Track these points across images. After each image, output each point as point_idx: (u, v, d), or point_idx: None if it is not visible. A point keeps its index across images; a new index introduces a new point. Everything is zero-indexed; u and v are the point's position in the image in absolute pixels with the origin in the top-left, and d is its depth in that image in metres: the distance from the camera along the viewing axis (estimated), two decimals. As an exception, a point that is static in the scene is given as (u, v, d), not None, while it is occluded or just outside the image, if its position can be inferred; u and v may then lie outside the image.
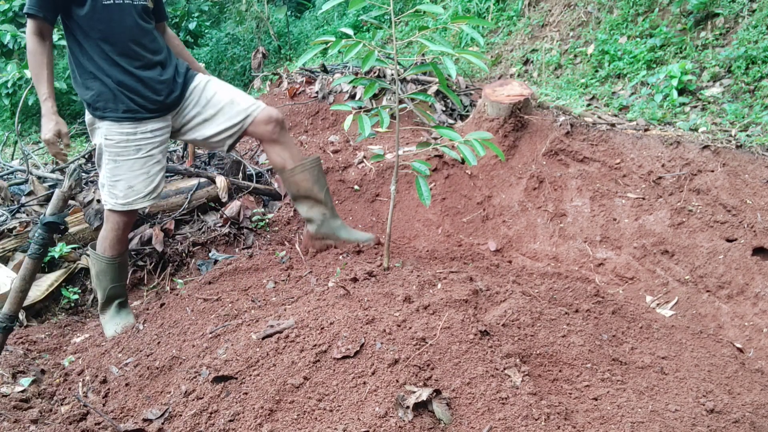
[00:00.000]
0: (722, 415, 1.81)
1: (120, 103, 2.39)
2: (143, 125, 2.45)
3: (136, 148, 2.45)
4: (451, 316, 2.00)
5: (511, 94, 3.89)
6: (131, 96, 2.40)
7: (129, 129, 2.42)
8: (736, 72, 4.06)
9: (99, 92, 2.38)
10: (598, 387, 1.87)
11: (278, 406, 1.78)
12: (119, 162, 2.45)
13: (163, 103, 2.48)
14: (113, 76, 2.36)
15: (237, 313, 2.41)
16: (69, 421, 1.97)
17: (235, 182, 3.89)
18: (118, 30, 2.32)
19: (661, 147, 3.46)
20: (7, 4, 6.97)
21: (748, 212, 3.00)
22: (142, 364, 2.25)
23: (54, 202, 2.04)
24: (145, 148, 2.48)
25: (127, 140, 2.43)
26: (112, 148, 2.43)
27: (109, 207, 2.52)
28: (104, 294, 2.66)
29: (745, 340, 2.61)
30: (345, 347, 1.91)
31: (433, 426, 1.65)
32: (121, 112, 2.40)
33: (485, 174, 3.86)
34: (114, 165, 2.45)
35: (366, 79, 2.64)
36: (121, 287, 2.70)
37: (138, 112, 2.43)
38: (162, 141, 2.54)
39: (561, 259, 3.35)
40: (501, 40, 6.12)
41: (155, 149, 2.51)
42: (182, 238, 3.46)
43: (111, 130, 2.41)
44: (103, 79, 2.36)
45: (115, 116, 2.40)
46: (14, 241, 3.17)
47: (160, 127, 2.52)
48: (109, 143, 2.42)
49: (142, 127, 2.45)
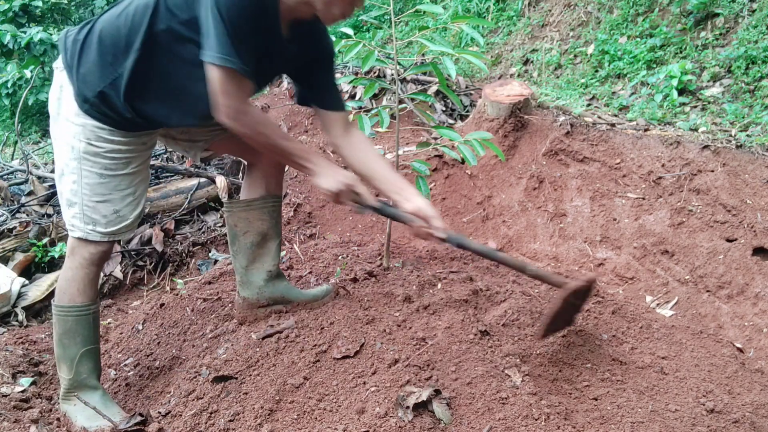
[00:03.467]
0: (722, 415, 1.81)
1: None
2: (138, 134, 1.89)
3: (126, 160, 1.89)
4: (451, 316, 2.00)
5: (511, 94, 3.89)
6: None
7: (120, 137, 1.85)
8: (736, 72, 4.06)
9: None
10: (598, 387, 1.86)
11: (278, 406, 1.78)
12: (106, 178, 1.86)
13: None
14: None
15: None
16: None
17: (235, 182, 3.89)
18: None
19: (661, 147, 3.46)
20: (7, 4, 6.97)
21: (748, 212, 3.00)
22: (142, 364, 2.25)
23: None
24: (135, 162, 1.91)
25: (117, 149, 1.85)
26: (98, 158, 1.83)
27: (81, 235, 1.88)
28: (72, 367, 1.93)
29: (745, 340, 2.61)
30: (345, 347, 1.91)
31: (433, 426, 1.65)
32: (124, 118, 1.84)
33: (485, 174, 3.86)
34: (97, 180, 1.85)
35: (366, 79, 2.64)
36: (94, 352, 1.99)
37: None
38: (150, 154, 2.05)
39: (561, 259, 3.35)
40: (501, 40, 6.12)
41: (144, 163, 1.98)
42: (182, 238, 3.46)
43: (99, 134, 1.81)
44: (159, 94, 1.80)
45: (114, 119, 1.81)
46: (14, 241, 3.17)
47: (152, 135, 1.98)
48: (94, 150, 1.82)
49: (135, 137, 1.89)
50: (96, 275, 1.96)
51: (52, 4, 7.10)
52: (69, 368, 1.93)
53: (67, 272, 1.93)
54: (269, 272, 2.17)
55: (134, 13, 1.73)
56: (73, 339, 1.92)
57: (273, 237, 2.18)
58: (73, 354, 1.92)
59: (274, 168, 2.18)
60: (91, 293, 1.94)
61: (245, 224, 2.14)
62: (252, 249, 2.15)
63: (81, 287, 1.91)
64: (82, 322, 1.93)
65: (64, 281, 1.93)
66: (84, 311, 1.93)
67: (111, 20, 1.78)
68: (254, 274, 2.16)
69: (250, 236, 2.14)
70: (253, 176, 2.17)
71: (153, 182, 3.87)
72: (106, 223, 1.89)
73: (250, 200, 2.15)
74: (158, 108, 1.82)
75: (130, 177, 1.91)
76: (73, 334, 1.92)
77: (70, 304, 1.91)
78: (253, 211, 2.14)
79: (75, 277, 1.91)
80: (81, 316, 1.92)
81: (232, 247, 2.18)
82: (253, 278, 2.16)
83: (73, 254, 1.91)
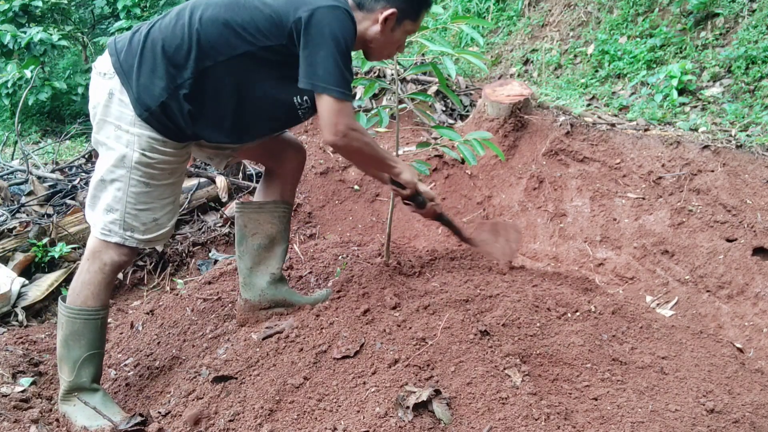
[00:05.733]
0: (722, 415, 1.81)
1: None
2: (185, 145, 1.93)
3: (171, 170, 1.92)
4: (451, 316, 2.00)
5: (511, 94, 3.89)
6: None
7: (171, 148, 1.87)
8: (736, 72, 4.06)
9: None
10: (598, 387, 1.86)
11: (278, 406, 1.78)
12: (151, 187, 1.88)
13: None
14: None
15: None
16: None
17: (235, 182, 3.89)
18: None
19: (661, 147, 3.46)
20: (7, 4, 6.96)
21: (748, 212, 3.00)
22: (142, 364, 2.25)
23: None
24: (178, 172, 1.97)
25: (167, 160, 1.88)
26: (148, 168, 1.85)
27: (118, 240, 1.89)
28: (74, 369, 1.91)
29: (745, 340, 2.61)
30: (345, 347, 1.91)
31: (433, 426, 1.65)
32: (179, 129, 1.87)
33: (485, 174, 3.86)
34: (143, 189, 1.87)
35: (366, 79, 2.64)
36: (98, 357, 1.98)
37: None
38: (188, 163, 2.10)
39: (561, 259, 3.35)
40: (501, 40, 6.12)
41: (183, 173, 2.05)
42: (182, 238, 3.46)
43: (153, 145, 1.83)
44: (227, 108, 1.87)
45: (172, 129, 1.84)
46: (14, 241, 3.16)
47: (192, 146, 2.02)
48: (147, 161, 1.84)
49: (182, 149, 1.93)
50: (112, 281, 1.97)
51: (52, 4, 7.09)
52: (70, 370, 1.92)
53: (85, 275, 1.91)
54: (273, 275, 2.19)
55: (200, 32, 1.77)
56: (79, 341, 1.91)
57: (280, 241, 2.21)
58: (76, 356, 1.92)
59: (291, 176, 2.25)
60: (104, 298, 1.93)
61: (255, 225, 2.17)
62: (259, 251, 2.18)
63: (96, 291, 1.91)
64: (90, 325, 1.92)
65: (80, 284, 1.91)
66: (94, 315, 1.92)
67: (168, 31, 1.80)
68: (258, 277, 2.18)
69: (258, 238, 2.17)
70: (270, 181, 2.23)
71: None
72: (144, 230, 1.91)
73: (263, 203, 2.20)
74: (209, 126, 1.88)
75: (172, 186, 1.95)
76: (79, 337, 1.91)
77: (82, 306, 1.90)
78: (264, 214, 2.18)
79: (92, 280, 1.90)
80: (90, 319, 1.92)
81: (240, 247, 2.21)
82: (257, 280, 2.18)
83: (95, 258, 1.90)
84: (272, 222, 2.18)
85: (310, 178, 3.93)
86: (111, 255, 1.90)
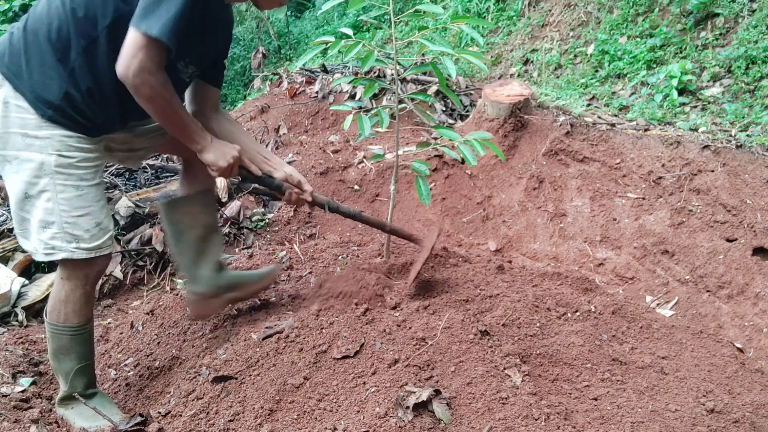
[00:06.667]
0: (722, 415, 1.81)
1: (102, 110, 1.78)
2: (100, 139, 1.82)
3: (95, 168, 1.82)
4: (451, 316, 2.00)
5: (511, 94, 3.89)
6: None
7: (88, 144, 1.77)
8: (736, 72, 4.06)
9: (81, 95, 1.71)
10: (598, 387, 1.86)
11: (278, 406, 1.78)
12: (83, 189, 1.77)
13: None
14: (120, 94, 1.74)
15: (237, 313, 2.41)
16: (69, 421, 1.97)
17: (235, 182, 3.89)
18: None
19: (661, 147, 3.46)
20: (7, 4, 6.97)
21: (748, 212, 3.00)
22: (142, 364, 2.25)
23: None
24: (100, 169, 1.86)
25: (88, 158, 1.78)
26: (72, 169, 1.74)
27: (65, 256, 1.77)
28: (67, 380, 1.92)
29: (745, 340, 2.61)
30: (345, 347, 1.91)
31: (433, 426, 1.65)
32: (99, 121, 1.78)
33: (485, 174, 3.86)
34: (75, 193, 1.76)
35: (366, 79, 2.64)
36: (89, 367, 1.96)
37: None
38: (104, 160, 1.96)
39: (561, 259, 3.35)
40: (501, 40, 6.12)
41: (102, 171, 1.90)
42: (182, 238, 3.46)
43: (68, 143, 1.72)
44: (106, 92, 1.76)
45: (81, 123, 1.73)
46: (14, 241, 3.16)
47: (107, 141, 1.92)
48: (67, 162, 1.73)
49: (99, 143, 1.82)
50: (92, 294, 1.90)
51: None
52: (64, 381, 1.93)
53: (61, 293, 1.84)
54: (216, 263, 2.20)
55: (72, 5, 1.67)
56: (68, 355, 1.89)
57: (216, 229, 2.24)
58: (68, 368, 1.90)
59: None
60: (87, 312, 1.88)
61: (190, 219, 2.15)
62: (198, 243, 2.17)
63: (77, 308, 1.85)
64: (77, 339, 1.88)
65: (58, 302, 1.85)
66: (78, 330, 1.87)
67: (44, 16, 1.70)
68: (203, 267, 2.18)
69: (196, 230, 2.16)
70: (190, 172, 2.20)
71: (153, 182, 3.86)
72: (90, 238, 1.79)
73: (193, 195, 2.18)
74: (111, 106, 1.77)
75: (100, 187, 1.85)
76: (68, 351, 1.89)
77: (65, 324, 1.86)
78: (197, 206, 2.17)
79: (69, 298, 1.84)
80: (74, 335, 1.88)
81: (177, 245, 2.18)
82: (203, 272, 2.18)
83: (65, 279, 1.84)
84: (205, 212, 2.19)
85: (310, 178, 3.93)
86: (78, 271, 1.83)
